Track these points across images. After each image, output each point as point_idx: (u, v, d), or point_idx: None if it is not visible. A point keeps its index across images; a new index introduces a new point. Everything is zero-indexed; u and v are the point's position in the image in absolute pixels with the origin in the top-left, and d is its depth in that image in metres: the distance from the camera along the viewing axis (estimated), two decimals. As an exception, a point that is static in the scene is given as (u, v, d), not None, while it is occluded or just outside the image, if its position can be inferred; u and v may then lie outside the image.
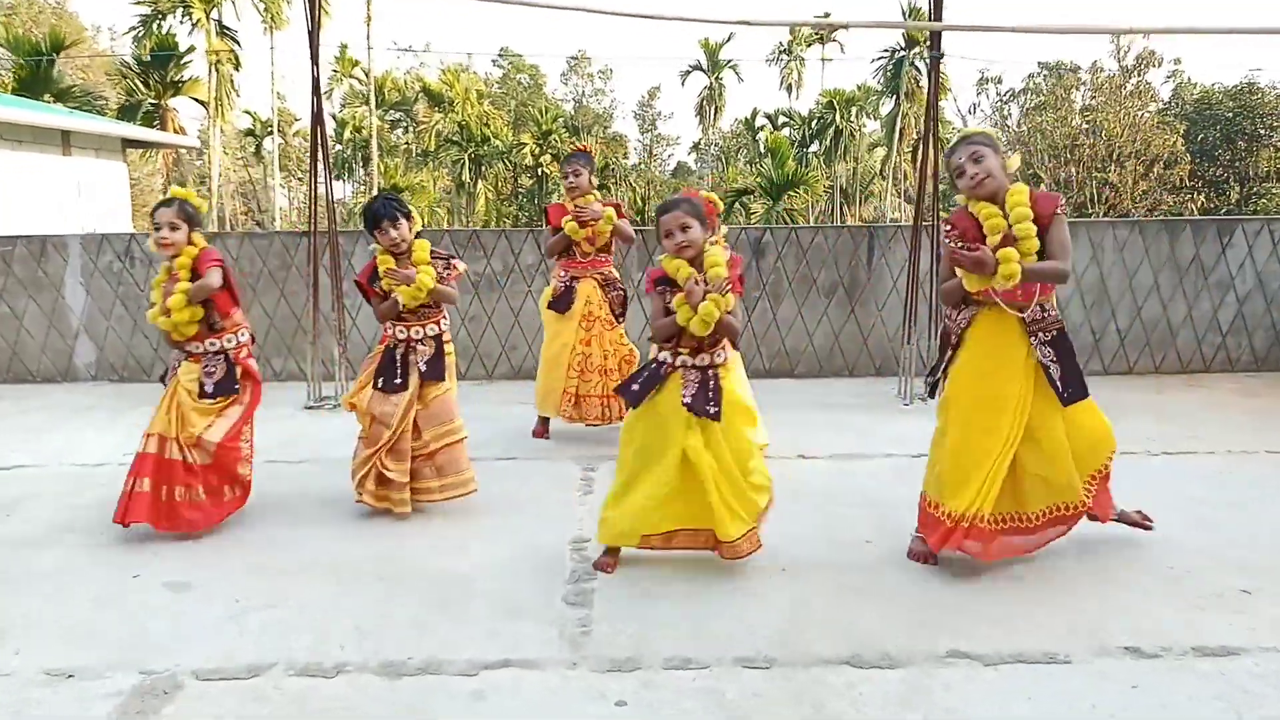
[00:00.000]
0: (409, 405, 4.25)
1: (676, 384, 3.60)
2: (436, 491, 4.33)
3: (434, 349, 4.28)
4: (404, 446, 4.25)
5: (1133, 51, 22.95)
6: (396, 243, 4.16)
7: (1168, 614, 3.26)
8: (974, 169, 3.45)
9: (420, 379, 4.26)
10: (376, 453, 4.23)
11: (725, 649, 3.04)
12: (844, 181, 47.47)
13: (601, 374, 5.48)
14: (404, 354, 4.27)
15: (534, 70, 57.17)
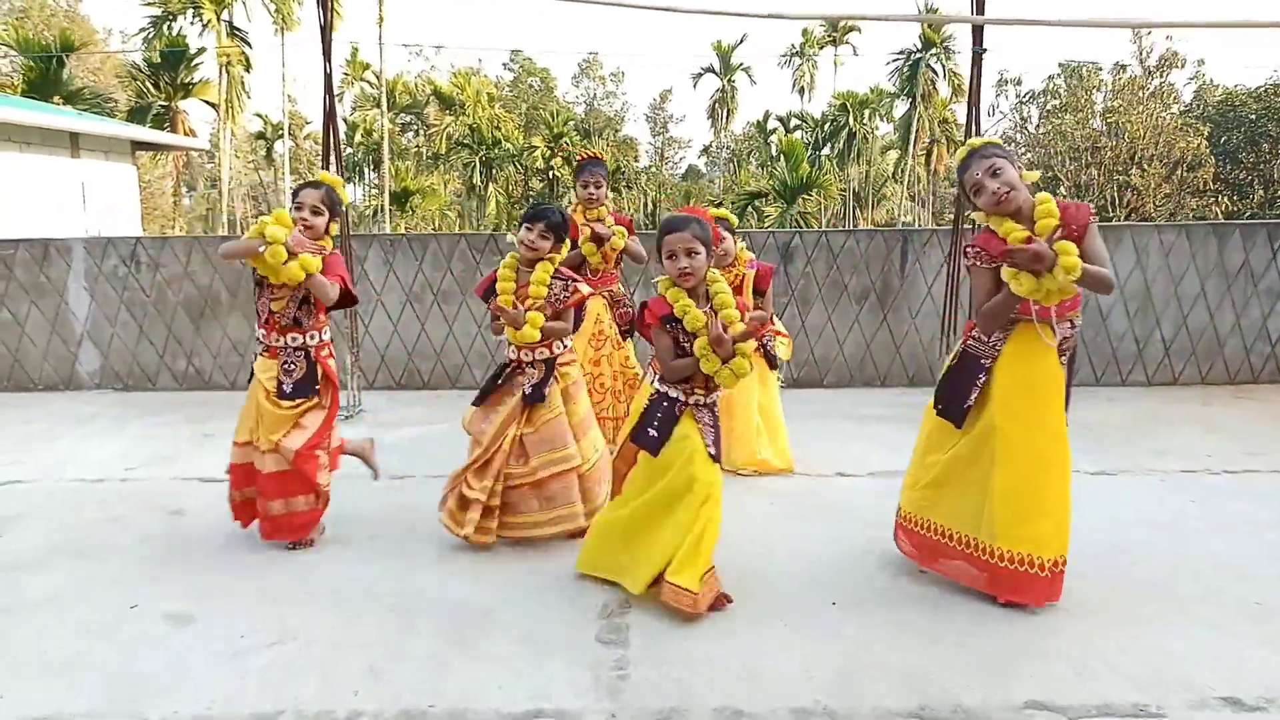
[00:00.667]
0: (506, 422, 3.92)
1: (693, 427, 3.32)
2: (546, 524, 3.94)
3: (544, 372, 3.95)
4: (493, 467, 3.89)
5: (1155, 52, 22.60)
6: (535, 247, 3.87)
7: (1262, 656, 2.95)
8: (994, 184, 3.13)
9: (524, 401, 3.93)
10: (465, 471, 3.93)
11: (779, 698, 2.75)
12: (856, 185, 47.13)
13: (612, 395, 5.23)
14: (512, 374, 3.98)
15: (545, 73, 56.99)
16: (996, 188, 3.13)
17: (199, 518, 4.39)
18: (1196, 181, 22.02)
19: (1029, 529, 3.20)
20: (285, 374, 3.89)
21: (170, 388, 7.19)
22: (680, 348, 3.29)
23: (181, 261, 7.08)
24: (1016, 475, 3.22)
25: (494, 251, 7.15)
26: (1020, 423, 3.23)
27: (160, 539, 4.12)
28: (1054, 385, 3.22)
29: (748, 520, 4.30)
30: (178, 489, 4.84)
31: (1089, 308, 7.17)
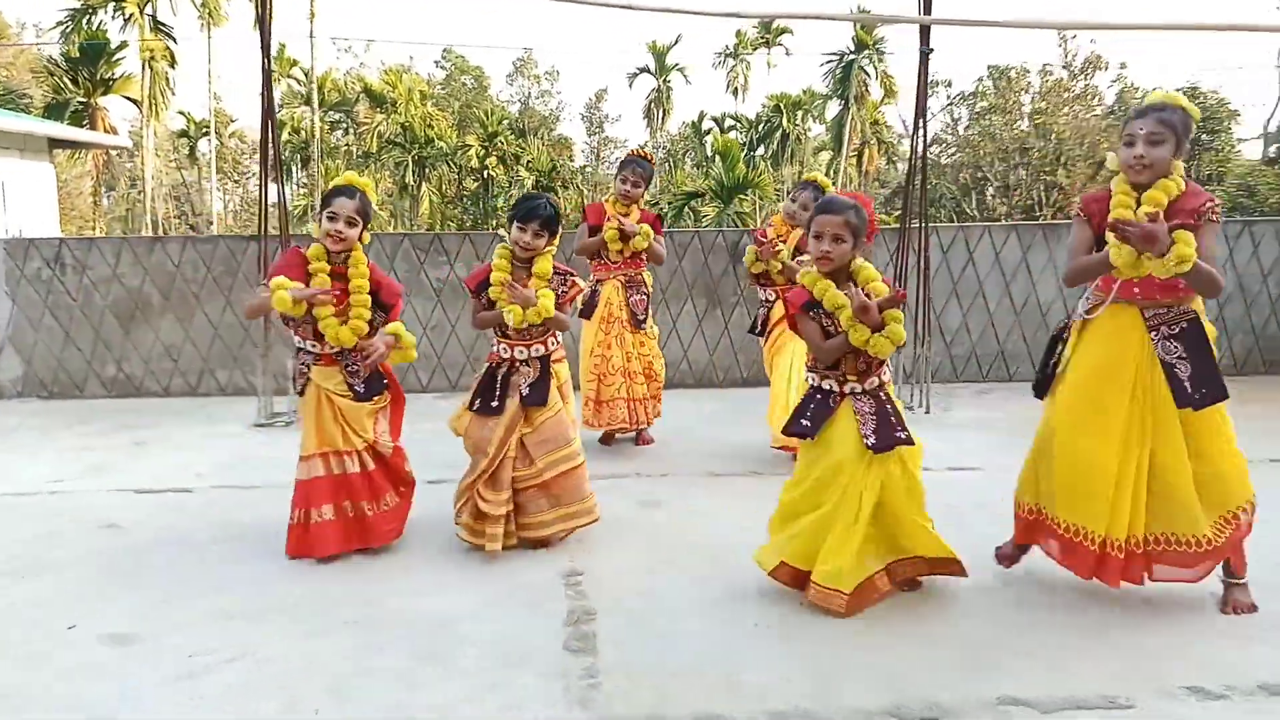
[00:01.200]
0: (508, 429, 3.81)
1: (849, 417, 3.26)
2: (555, 523, 3.88)
3: (539, 371, 3.88)
4: (503, 475, 3.81)
5: (1080, 55, 23.23)
6: (531, 247, 3.79)
7: (1222, 646, 3.01)
8: (1141, 149, 3.03)
9: (521, 403, 3.84)
10: (475, 482, 3.83)
11: (756, 702, 2.71)
12: (790, 185, 47.56)
13: (625, 376, 5.31)
14: (506, 374, 3.88)
15: (478, 71, 56.44)
16: (1140, 153, 3.03)
17: (137, 532, 4.20)
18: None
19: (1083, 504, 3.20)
20: (352, 376, 3.79)
21: (99, 395, 6.90)
22: (827, 332, 3.26)
23: (110, 263, 6.80)
24: (1072, 446, 3.21)
25: (439, 251, 7.02)
26: (1079, 393, 3.20)
27: (96, 555, 3.92)
28: (1126, 360, 3.12)
29: (710, 520, 4.28)
30: (113, 501, 4.63)
31: (1029, 304, 7.31)
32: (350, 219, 3.68)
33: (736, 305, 7.18)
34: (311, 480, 3.78)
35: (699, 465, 5.14)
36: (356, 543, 3.84)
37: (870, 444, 3.21)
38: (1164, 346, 3.11)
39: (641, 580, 3.60)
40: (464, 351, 7.07)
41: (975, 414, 6.34)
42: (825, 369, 3.33)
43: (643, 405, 5.38)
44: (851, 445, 3.23)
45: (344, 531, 3.80)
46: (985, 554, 3.63)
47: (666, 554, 3.88)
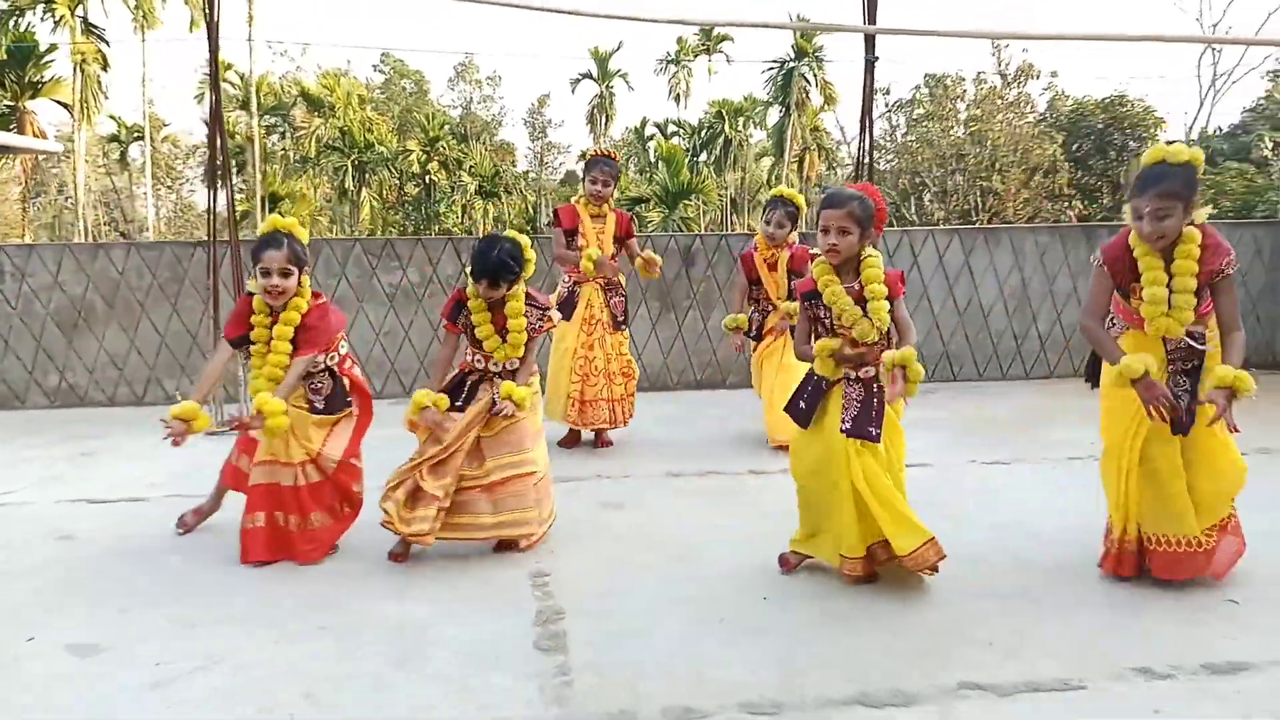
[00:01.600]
0: (469, 425, 3.81)
1: (838, 402, 3.43)
2: (491, 529, 3.83)
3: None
4: (451, 465, 3.78)
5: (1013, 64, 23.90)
6: (493, 297, 3.81)
7: (1166, 629, 3.16)
8: (1151, 226, 3.18)
9: (490, 408, 3.85)
10: (419, 465, 3.78)
11: (727, 694, 2.78)
12: (733, 191, 48.03)
13: (606, 377, 5.45)
14: (476, 383, 3.92)
15: (418, 75, 55.97)
16: (1151, 230, 3.17)
17: (93, 542, 4.14)
18: (1053, 186, 23.37)
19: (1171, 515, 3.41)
20: (314, 394, 3.85)
21: (41, 405, 6.74)
22: (820, 324, 3.43)
23: (50, 271, 6.65)
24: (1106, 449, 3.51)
25: (391, 256, 6.99)
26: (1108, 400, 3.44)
27: (52, 566, 3.85)
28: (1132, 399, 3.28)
29: (672, 520, 4.35)
30: (64, 512, 4.54)
31: (971, 306, 7.52)
32: (283, 270, 3.68)
33: (689, 309, 7.27)
34: (253, 488, 3.83)
35: (658, 466, 5.21)
36: (282, 555, 3.82)
37: (844, 428, 3.40)
38: (1175, 380, 3.34)
39: (607, 580, 3.66)
40: (417, 357, 7.06)
41: (921, 413, 6.50)
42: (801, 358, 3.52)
43: (620, 405, 5.53)
44: (833, 432, 3.43)
45: (270, 540, 3.80)
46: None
47: (630, 554, 3.94)
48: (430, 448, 3.81)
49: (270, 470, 3.79)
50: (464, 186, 46.74)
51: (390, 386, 7.09)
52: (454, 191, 46.82)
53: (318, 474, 3.83)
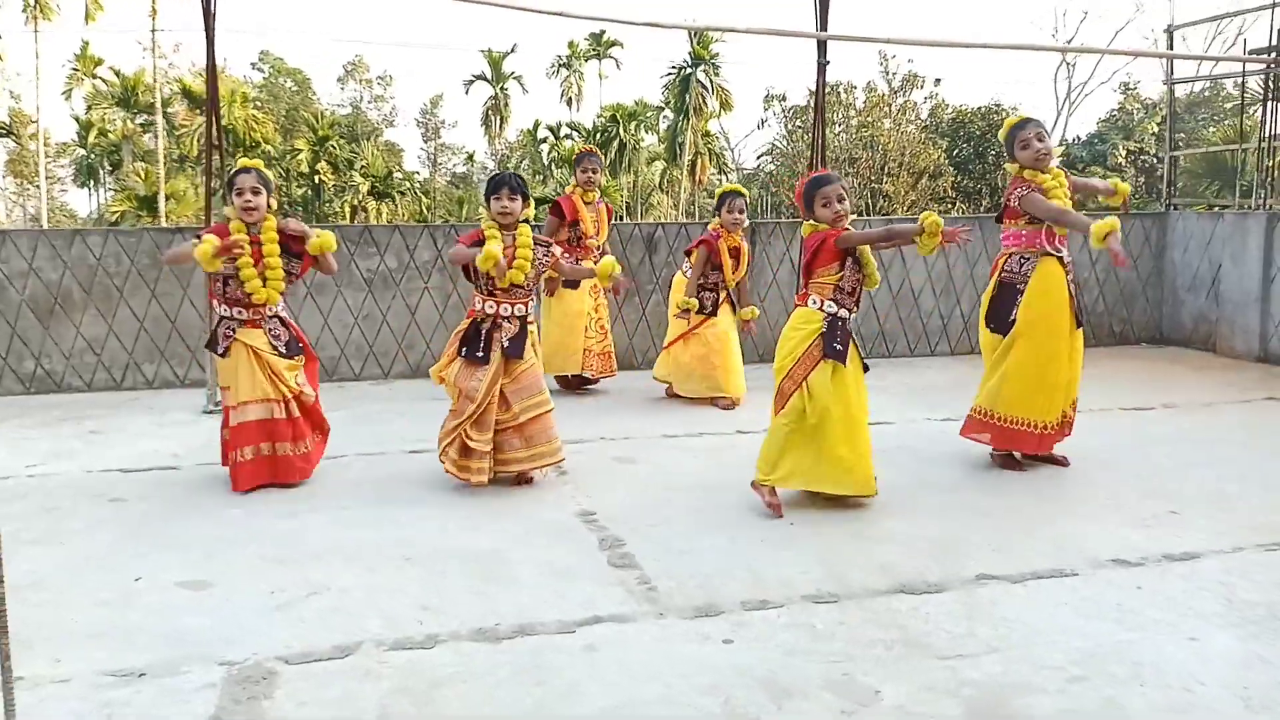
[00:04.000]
0: (494, 379, 4.34)
1: (853, 344, 4.16)
2: (526, 460, 4.44)
3: (518, 328, 4.40)
4: (488, 418, 4.35)
5: (899, 73, 25.30)
6: (509, 210, 4.34)
7: (1126, 532, 3.82)
8: (1040, 145, 4.48)
9: (504, 355, 4.36)
10: (462, 424, 4.31)
11: (789, 590, 3.28)
12: (626, 194, 48.73)
13: (602, 333, 6.49)
14: (489, 330, 4.38)
15: (298, 74, 54.69)
16: (1041, 148, 4.47)
17: (145, 501, 4.33)
18: (938, 189, 24.86)
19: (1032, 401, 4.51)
20: (275, 339, 4.37)
21: (16, 391, 6.71)
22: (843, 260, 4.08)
23: (25, 257, 6.64)
24: (1041, 365, 4.49)
25: (369, 243, 7.23)
26: (1043, 326, 4.48)
27: (116, 523, 4.04)
28: (1063, 297, 4.50)
29: (684, 469, 4.82)
30: (101, 480, 4.68)
31: (903, 288, 8.25)
32: (254, 188, 4.31)
33: (653, 293, 7.75)
34: (241, 425, 4.32)
35: (653, 429, 5.67)
36: (266, 478, 4.38)
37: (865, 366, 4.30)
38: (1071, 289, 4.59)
39: (649, 514, 4.10)
40: (395, 340, 7.31)
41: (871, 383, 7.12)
42: (844, 300, 4.11)
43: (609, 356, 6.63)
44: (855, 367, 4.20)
45: (255, 470, 4.35)
46: (915, 479, 4.58)
47: (659, 494, 4.40)
48: (466, 405, 4.32)
49: (265, 407, 4.34)
50: (355, 187, 46.00)
51: (369, 369, 7.32)
52: (345, 192, 46.03)
53: (299, 408, 4.45)
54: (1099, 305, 8.66)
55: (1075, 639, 2.90)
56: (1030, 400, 4.52)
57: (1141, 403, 6.28)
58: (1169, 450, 5.11)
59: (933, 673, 2.70)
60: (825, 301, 4.07)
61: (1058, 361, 4.52)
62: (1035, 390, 4.50)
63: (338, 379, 7.25)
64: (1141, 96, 37.40)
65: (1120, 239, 4.12)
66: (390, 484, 4.56)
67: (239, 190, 4.32)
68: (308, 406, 4.50)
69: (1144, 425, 5.72)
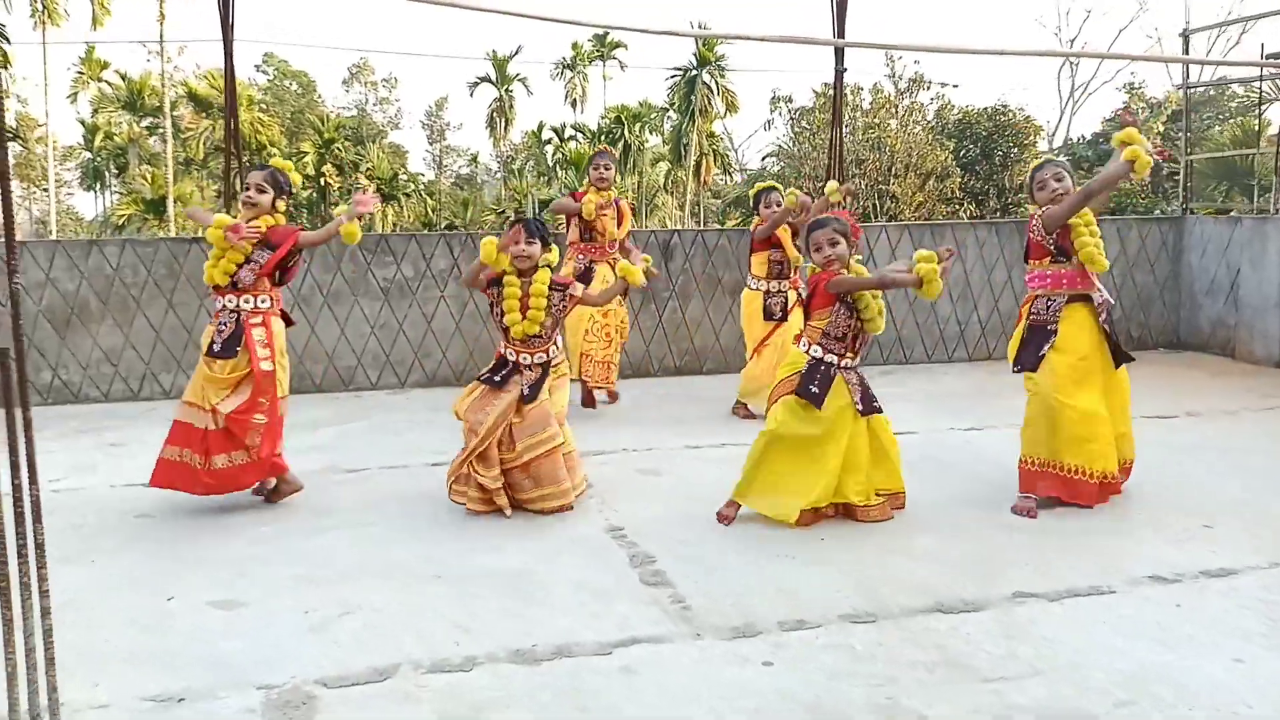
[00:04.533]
0: (502, 415, 4.26)
1: (842, 386, 4.06)
2: (536, 501, 4.30)
3: (539, 374, 4.34)
4: (492, 454, 4.26)
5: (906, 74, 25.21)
6: (525, 256, 4.26)
7: (1161, 548, 3.79)
8: (1059, 186, 4.26)
9: (521, 400, 4.31)
10: (468, 459, 4.26)
11: (826, 609, 3.26)
12: (632, 195, 48.73)
13: (608, 341, 6.25)
14: (510, 373, 4.35)
15: (303, 76, 54.77)
16: (1057, 188, 4.25)
17: (174, 518, 4.32)
18: (945, 191, 24.78)
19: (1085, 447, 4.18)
20: (218, 334, 4.26)
21: (33, 403, 6.68)
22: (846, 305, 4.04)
23: (43, 267, 6.64)
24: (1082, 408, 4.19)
25: (385, 252, 7.23)
26: (1079, 368, 4.22)
27: (146, 541, 4.03)
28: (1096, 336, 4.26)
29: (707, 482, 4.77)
30: (127, 495, 4.66)
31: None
32: (259, 186, 4.29)
33: (669, 300, 7.73)
34: (177, 422, 4.27)
35: (676, 440, 5.65)
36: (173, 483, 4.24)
37: (860, 409, 4.09)
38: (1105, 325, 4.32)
39: (677, 530, 4.08)
40: (412, 350, 7.30)
41: (890, 390, 7.09)
42: (832, 345, 4.04)
43: (613, 365, 6.40)
44: (847, 408, 4.06)
45: (165, 471, 4.25)
46: (943, 492, 4.53)
47: (686, 508, 4.37)
48: (470, 439, 4.27)
49: (191, 412, 4.23)
50: (361, 189, 46.05)
51: (385, 378, 7.30)
52: (350, 194, 46.09)
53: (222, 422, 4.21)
54: (1115, 311, 8.61)
55: (1118, 660, 2.88)
56: (1088, 445, 4.16)
57: (1164, 410, 6.25)
58: (1196, 461, 5.09)
59: (978, 696, 2.68)
60: (812, 345, 4.10)
61: (1099, 401, 4.23)
62: (1087, 436, 4.15)
63: (354, 388, 7.24)
64: (1147, 96, 37.38)
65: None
66: (414, 499, 4.54)
67: (245, 185, 4.38)
68: (231, 423, 4.19)
69: (1169, 434, 5.68)
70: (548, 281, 4.31)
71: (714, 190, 48.94)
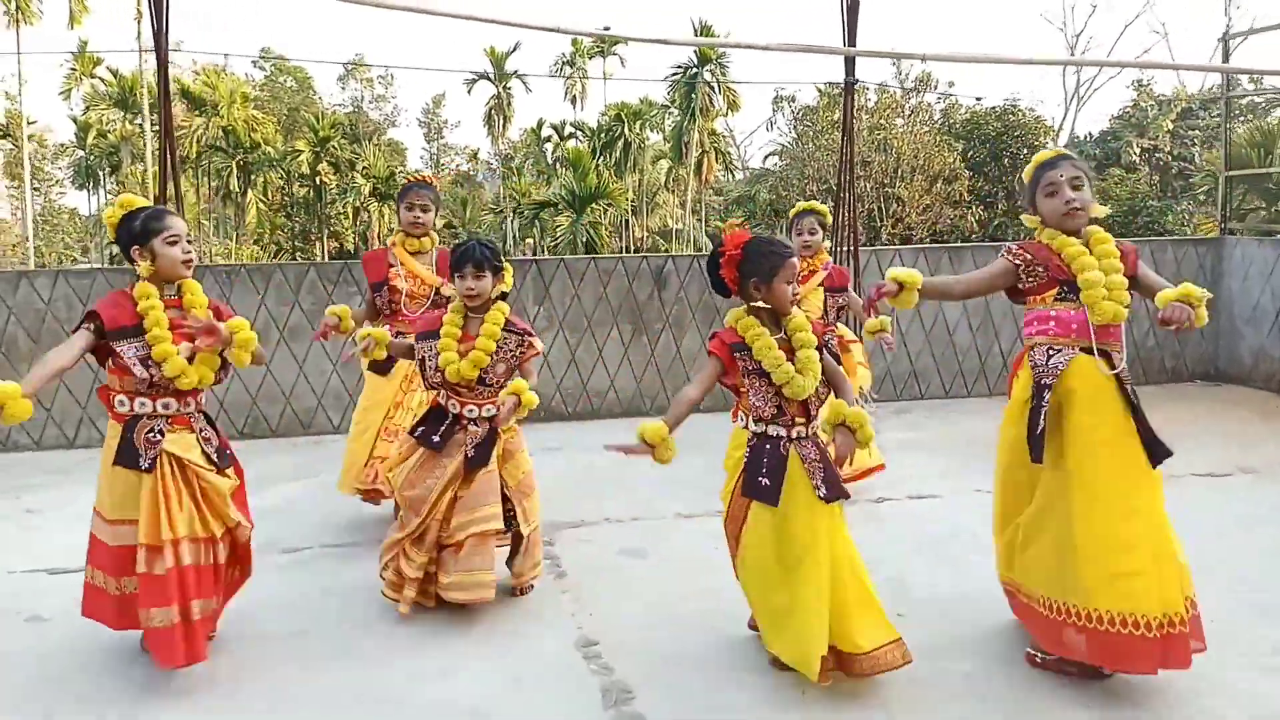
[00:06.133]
0: (442, 491, 3.56)
1: (798, 466, 3.06)
2: (452, 588, 3.56)
3: (486, 431, 3.63)
4: (430, 536, 3.58)
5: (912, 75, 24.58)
6: (477, 291, 3.57)
7: (1252, 679, 3.10)
8: (1071, 194, 3.04)
9: (465, 464, 3.59)
10: (403, 540, 3.60)
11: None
12: (631, 194, 48.04)
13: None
14: (450, 429, 3.61)
15: (300, 71, 54.11)
16: (1073, 199, 3.03)
17: (67, 622, 3.63)
18: (952, 193, 24.12)
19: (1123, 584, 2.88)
20: (206, 443, 3.26)
21: (-44, 452, 6.06)
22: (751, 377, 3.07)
23: (-35, 302, 5.99)
24: (1107, 526, 2.94)
25: (348, 282, 6.56)
26: (1092, 463, 2.99)
27: (25, 659, 3.37)
28: (1118, 418, 3.01)
29: (699, 566, 4.12)
30: (22, 587, 4.01)
31: (937, 324, 7.55)
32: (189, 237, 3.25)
33: (662, 331, 7.07)
34: (152, 577, 3.07)
35: (665, 505, 4.99)
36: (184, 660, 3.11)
37: (822, 495, 3.03)
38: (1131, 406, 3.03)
39: (661, 644, 3.42)
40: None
41: (905, 435, 6.48)
42: (772, 414, 3.09)
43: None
44: (805, 501, 3.03)
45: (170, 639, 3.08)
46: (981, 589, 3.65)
47: (673, 611, 3.71)
48: (411, 520, 3.58)
49: (195, 550, 3.15)
50: (357, 188, 45.42)
51: (349, 420, 6.63)
52: (346, 193, 45.46)
53: (231, 547, 3.31)
54: (1149, 340, 7.96)
55: None
56: (1118, 583, 2.88)
57: (1215, 466, 5.57)
58: (1268, 541, 4.39)
59: None
60: (749, 419, 3.14)
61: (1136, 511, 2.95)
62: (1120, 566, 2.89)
63: (314, 431, 6.59)
64: (1155, 93, 36.67)
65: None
66: (356, 595, 3.87)
67: (173, 237, 3.15)
68: (239, 545, 3.35)
69: (1226, 500, 5.01)
70: (502, 321, 3.63)
71: (716, 188, 48.28)
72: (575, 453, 6.07)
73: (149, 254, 3.16)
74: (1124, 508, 2.94)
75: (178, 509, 3.12)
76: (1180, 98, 35.93)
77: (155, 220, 3.19)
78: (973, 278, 3.37)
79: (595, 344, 6.98)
